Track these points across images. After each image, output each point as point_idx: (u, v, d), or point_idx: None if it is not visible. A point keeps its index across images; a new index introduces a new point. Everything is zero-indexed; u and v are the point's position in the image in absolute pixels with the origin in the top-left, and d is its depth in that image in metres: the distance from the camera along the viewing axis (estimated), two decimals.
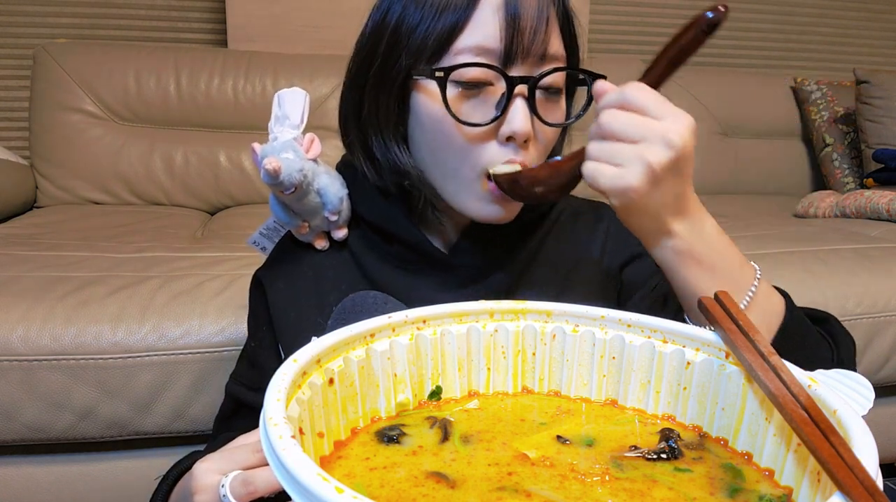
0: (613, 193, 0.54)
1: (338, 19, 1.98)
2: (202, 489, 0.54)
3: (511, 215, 0.67)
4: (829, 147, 2.22)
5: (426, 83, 0.62)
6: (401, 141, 0.67)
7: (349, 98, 0.69)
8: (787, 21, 2.67)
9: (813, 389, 0.39)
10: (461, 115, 0.61)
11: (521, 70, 0.61)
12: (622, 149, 0.53)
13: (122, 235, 1.39)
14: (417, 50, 0.61)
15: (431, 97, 0.62)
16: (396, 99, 0.64)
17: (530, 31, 0.60)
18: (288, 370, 0.39)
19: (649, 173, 0.52)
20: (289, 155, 0.65)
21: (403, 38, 0.62)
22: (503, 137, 0.61)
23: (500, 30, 0.59)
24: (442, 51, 0.61)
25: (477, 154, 0.62)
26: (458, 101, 0.61)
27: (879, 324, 1.27)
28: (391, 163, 0.67)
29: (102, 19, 2.09)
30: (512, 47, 0.60)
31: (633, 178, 0.52)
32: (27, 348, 0.95)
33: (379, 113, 0.66)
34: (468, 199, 0.65)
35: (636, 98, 0.53)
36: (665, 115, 0.53)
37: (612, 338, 0.50)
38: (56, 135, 1.74)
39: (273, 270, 0.75)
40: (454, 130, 0.62)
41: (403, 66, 0.62)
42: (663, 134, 0.52)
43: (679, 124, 0.52)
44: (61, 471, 1.04)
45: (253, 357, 0.75)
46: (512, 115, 0.61)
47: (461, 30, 0.60)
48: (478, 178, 0.63)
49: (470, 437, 0.44)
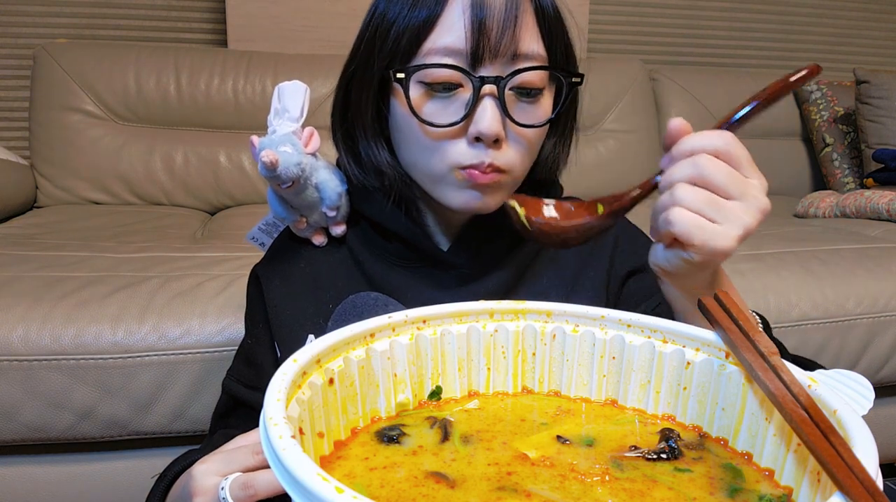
0: (706, 250, 0.49)
1: (338, 19, 1.98)
2: (201, 491, 0.53)
3: (493, 204, 0.66)
4: (829, 147, 2.22)
5: (397, 84, 0.62)
6: (382, 140, 0.68)
7: (337, 98, 0.71)
8: (787, 21, 2.67)
9: (813, 389, 0.39)
10: (427, 116, 0.61)
11: (490, 70, 0.60)
12: (723, 204, 0.49)
13: (122, 235, 1.39)
14: (390, 51, 0.62)
15: (402, 97, 0.62)
16: (376, 98, 0.65)
17: (497, 30, 0.59)
18: (288, 370, 0.39)
19: (743, 237, 0.49)
20: (287, 148, 0.65)
21: (379, 38, 0.63)
22: (471, 137, 0.61)
23: (467, 30, 0.59)
24: (412, 52, 0.61)
25: (447, 150, 0.62)
26: (425, 100, 0.61)
27: (879, 324, 1.27)
28: (374, 161, 0.68)
29: (102, 19, 2.09)
30: (478, 47, 0.59)
31: (731, 240, 0.49)
32: (27, 348, 0.95)
33: (361, 112, 0.67)
34: (445, 191, 0.65)
35: (735, 151, 0.50)
36: (755, 173, 0.51)
37: (612, 337, 0.50)
38: (56, 135, 1.74)
39: (270, 266, 0.75)
40: (420, 130, 0.62)
41: (377, 66, 0.63)
42: (758, 197, 0.50)
43: (764, 186, 0.51)
44: (61, 471, 1.04)
45: (249, 353, 0.75)
46: (479, 115, 0.60)
47: (430, 30, 0.60)
48: (449, 171, 0.63)
49: (470, 437, 0.44)
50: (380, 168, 0.68)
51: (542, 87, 0.64)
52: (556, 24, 0.65)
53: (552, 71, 0.64)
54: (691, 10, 2.55)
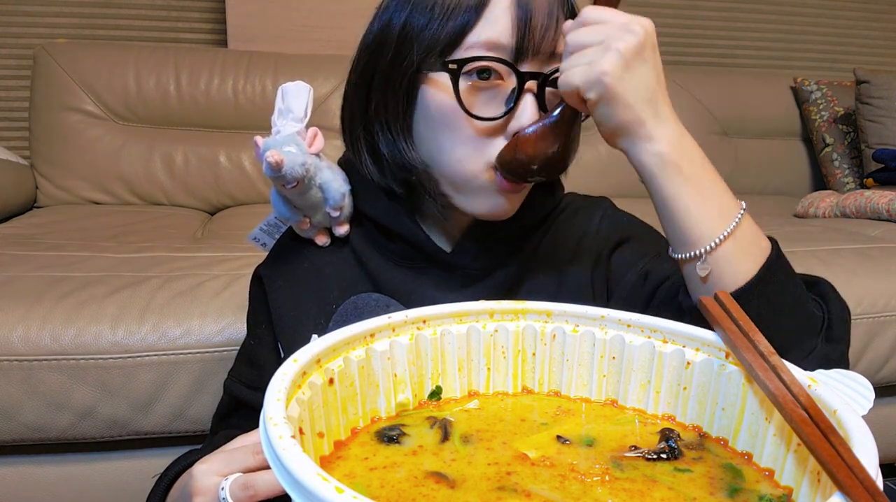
0: (588, 84, 0.55)
1: (338, 19, 1.98)
2: (201, 491, 0.53)
3: (513, 209, 0.67)
4: (829, 147, 2.22)
5: (437, 77, 0.62)
6: (409, 136, 0.67)
7: (355, 95, 0.69)
8: (787, 21, 2.67)
9: (813, 389, 0.39)
10: (472, 109, 0.61)
11: (530, 66, 0.61)
12: (590, 50, 0.55)
13: (122, 235, 1.39)
14: (428, 45, 0.62)
15: (442, 89, 0.62)
16: (405, 94, 0.65)
17: (541, 28, 0.60)
18: (288, 370, 0.39)
19: (618, 56, 0.54)
20: (291, 148, 0.65)
21: (414, 35, 0.62)
22: (511, 133, 0.62)
23: (512, 26, 0.60)
24: (453, 45, 0.61)
25: (484, 147, 0.63)
26: (470, 94, 0.61)
27: (879, 324, 1.27)
28: (397, 159, 0.67)
29: (102, 19, 2.09)
30: (523, 43, 0.60)
31: (605, 63, 0.54)
32: (27, 348, 0.95)
33: (388, 108, 0.66)
34: (472, 192, 0.65)
35: (594, 14, 0.57)
36: (612, 18, 0.56)
37: (612, 338, 0.50)
38: (56, 135, 1.74)
39: (273, 267, 0.75)
40: (464, 123, 0.62)
41: (414, 60, 0.62)
42: (625, 25, 0.55)
43: (638, 19, 0.56)
44: (61, 471, 1.04)
45: (252, 354, 0.75)
46: (521, 110, 0.61)
47: (472, 26, 0.61)
48: (484, 170, 0.63)
49: (470, 437, 0.44)
50: (407, 164, 0.66)
51: None
52: None
53: None
54: (691, 10, 2.55)
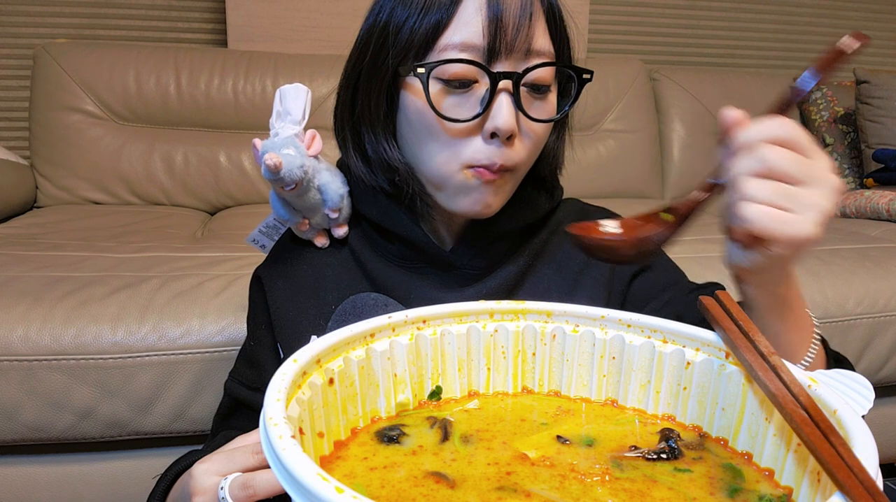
0: (789, 242, 0.47)
1: (338, 19, 1.98)
2: (201, 491, 0.53)
3: (496, 205, 0.67)
4: (829, 147, 2.22)
5: (412, 80, 0.63)
6: (390, 137, 0.68)
7: (343, 96, 0.71)
8: (787, 21, 2.67)
9: (813, 389, 0.39)
10: (445, 111, 0.61)
11: (505, 66, 0.61)
12: (795, 192, 0.47)
13: (122, 235, 1.39)
14: (404, 47, 0.62)
15: (416, 93, 0.62)
16: (386, 95, 0.65)
17: (513, 26, 0.60)
18: (288, 370, 0.39)
19: (824, 221, 0.47)
20: (290, 151, 0.65)
21: (391, 36, 0.63)
22: (487, 133, 0.62)
23: (484, 26, 0.60)
24: (427, 48, 0.62)
25: (460, 148, 0.63)
26: (442, 96, 0.62)
27: (879, 324, 1.27)
28: (382, 159, 0.68)
29: (102, 19, 2.09)
30: (495, 43, 0.60)
31: (813, 226, 0.47)
32: (27, 348, 0.95)
33: (371, 110, 0.67)
34: (450, 193, 0.65)
35: (796, 135, 0.48)
36: (820, 155, 0.49)
37: (612, 338, 0.50)
38: (56, 135, 1.74)
39: (273, 268, 0.75)
40: (438, 126, 0.62)
41: (391, 63, 0.63)
42: (828, 177, 0.48)
43: (831, 165, 0.49)
44: (61, 471, 1.04)
45: (252, 355, 0.75)
46: (496, 110, 0.61)
47: (446, 27, 0.61)
48: (459, 170, 0.63)
49: (470, 437, 0.44)
50: (390, 164, 0.67)
51: (550, 83, 0.65)
52: (561, 22, 0.66)
53: (565, 67, 0.66)
54: (691, 10, 2.55)
